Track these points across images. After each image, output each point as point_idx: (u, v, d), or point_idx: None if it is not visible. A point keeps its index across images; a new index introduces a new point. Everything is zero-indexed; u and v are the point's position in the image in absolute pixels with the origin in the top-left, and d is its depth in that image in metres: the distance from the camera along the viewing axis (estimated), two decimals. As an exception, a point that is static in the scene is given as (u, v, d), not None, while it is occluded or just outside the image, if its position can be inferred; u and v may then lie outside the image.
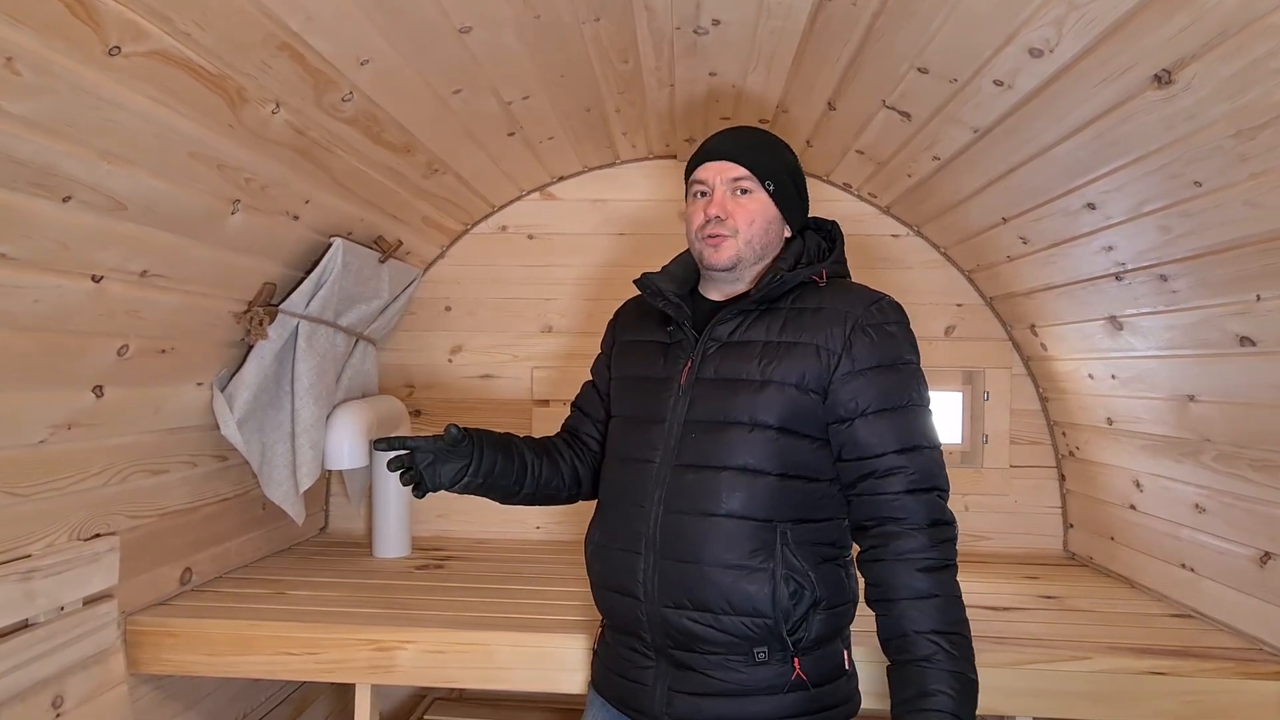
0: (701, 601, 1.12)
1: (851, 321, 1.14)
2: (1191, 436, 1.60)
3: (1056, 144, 1.39)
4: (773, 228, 1.23)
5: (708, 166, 1.23)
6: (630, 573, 1.17)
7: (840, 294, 1.20)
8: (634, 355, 1.31)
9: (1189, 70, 1.05)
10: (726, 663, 1.13)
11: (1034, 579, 1.95)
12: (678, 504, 1.15)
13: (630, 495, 1.20)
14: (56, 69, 0.93)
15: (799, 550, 1.12)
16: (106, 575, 1.42)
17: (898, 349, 1.16)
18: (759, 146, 1.25)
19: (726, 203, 1.21)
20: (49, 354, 1.22)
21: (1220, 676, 1.39)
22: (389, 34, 1.26)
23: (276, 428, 1.79)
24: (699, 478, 1.15)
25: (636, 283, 1.31)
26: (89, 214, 1.13)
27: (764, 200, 1.22)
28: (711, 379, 1.18)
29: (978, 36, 1.23)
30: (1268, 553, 1.44)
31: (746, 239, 1.20)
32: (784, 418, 1.13)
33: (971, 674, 1.07)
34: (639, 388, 1.27)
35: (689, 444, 1.16)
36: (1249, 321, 1.33)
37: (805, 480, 1.15)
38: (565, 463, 1.37)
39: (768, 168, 1.22)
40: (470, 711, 2.17)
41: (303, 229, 1.63)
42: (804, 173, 1.31)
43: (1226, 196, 1.20)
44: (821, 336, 1.15)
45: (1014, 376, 2.21)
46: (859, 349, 1.13)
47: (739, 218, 1.20)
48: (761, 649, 1.12)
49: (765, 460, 1.13)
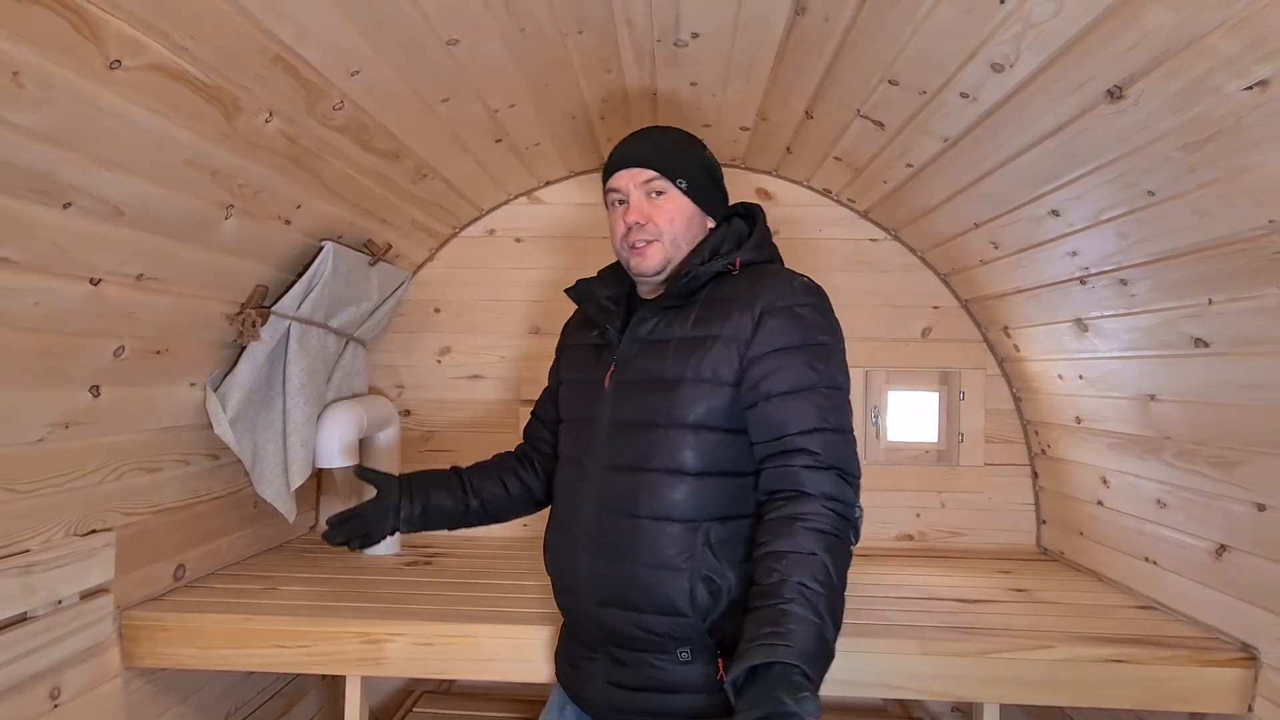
0: (629, 601, 1.14)
1: (760, 306, 1.13)
2: (1153, 434, 1.67)
3: (1021, 153, 1.45)
4: (694, 223, 1.25)
5: (620, 175, 1.25)
6: (571, 571, 1.21)
7: (754, 280, 1.17)
8: (574, 359, 1.36)
9: (1138, 86, 1.11)
10: (655, 660, 1.14)
11: (1006, 573, 2.02)
12: (607, 505, 1.18)
13: (569, 496, 1.25)
14: (59, 82, 0.97)
15: (720, 549, 1.12)
16: (103, 570, 1.46)
17: (807, 330, 1.13)
18: (667, 147, 1.26)
19: (644, 207, 1.23)
20: (47, 354, 1.25)
21: (1177, 664, 1.45)
22: (379, 46, 1.30)
23: (268, 427, 1.83)
24: (624, 479, 1.17)
25: (568, 291, 1.35)
26: (88, 219, 1.17)
27: (679, 199, 1.23)
28: (631, 380, 1.20)
29: (943, 51, 1.29)
30: (1223, 545, 1.50)
31: (671, 239, 1.22)
32: (700, 414, 1.13)
33: (830, 639, 0.99)
34: (575, 391, 1.32)
35: (615, 445, 1.19)
36: (1202, 324, 1.40)
37: (728, 476, 1.14)
38: (514, 480, 1.44)
39: (677, 166, 1.24)
40: (458, 705, 2.21)
41: (294, 233, 1.67)
42: (718, 163, 1.32)
43: (1177, 205, 1.27)
44: (730, 327, 1.13)
45: (989, 377, 2.28)
46: (766, 332, 1.11)
47: (659, 220, 1.22)
48: (684, 649, 1.12)
49: (685, 459, 1.13)
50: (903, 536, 2.31)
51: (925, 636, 1.53)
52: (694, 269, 1.18)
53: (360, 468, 1.45)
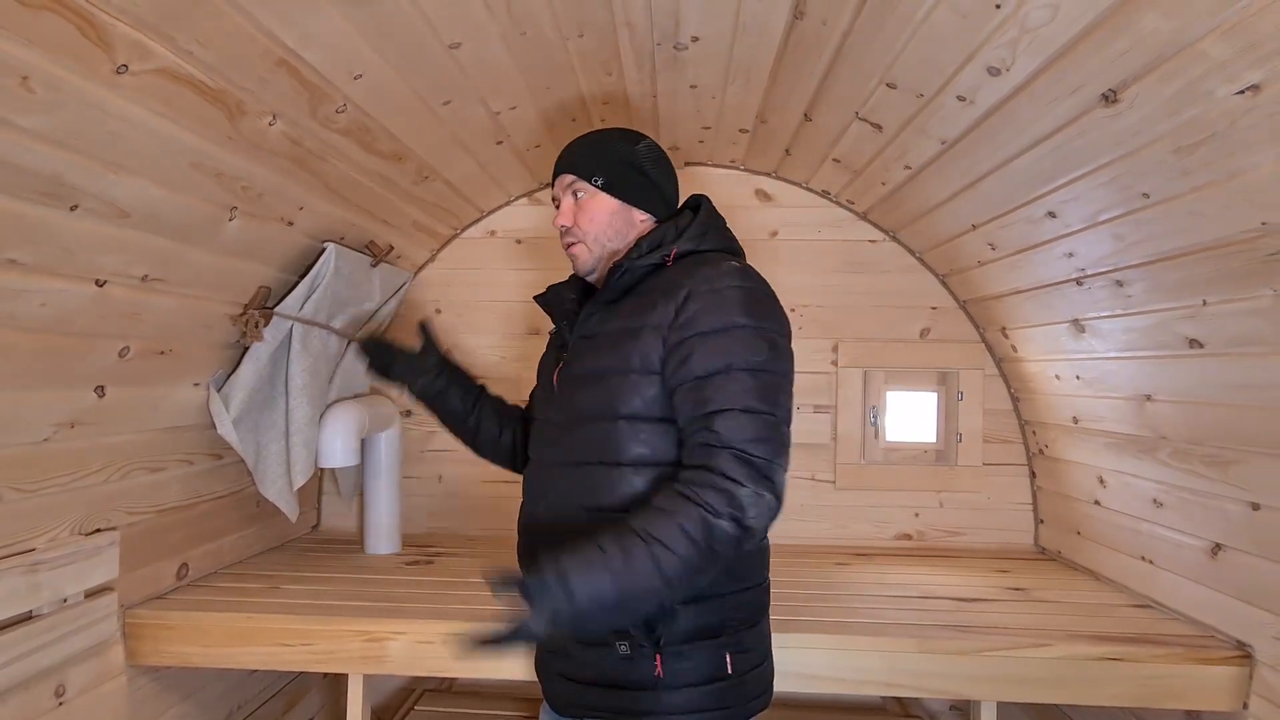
0: None
1: (685, 291, 1.11)
2: (1149, 434, 1.68)
3: (1017, 156, 1.47)
4: (617, 219, 1.25)
5: (556, 182, 1.29)
6: (527, 564, 1.22)
7: (685, 270, 1.15)
8: (542, 361, 1.38)
9: (1132, 91, 1.13)
10: (598, 655, 1.14)
11: (1004, 572, 2.03)
12: (550, 499, 1.20)
13: (526, 489, 1.28)
14: (67, 86, 0.99)
15: None
16: (107, 569, 1.47)
17: (726, 313, 1.08)
18: (583, 148, 1.28)
19: (571, 210, 1.26)
20: (54, 355, 1.27)
21: (1173, 662, 1.46)
22: (381, 50, 1.31)
23: (271, 427, 1.84)
24: (562, 473, 1.19)
25: (537, 297, 1.37)
26: (94, 221, 1.18)
27: (599, 197, 1.25)
28: (572, 375, 1.21)
29: (940, 55, 1.30)
30: (1218, 544, 1.51)
31: (594, 238, 1.25)
32: (636, 406, 1.12)
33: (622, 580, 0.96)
34: (538, 391, 1.36)
35: (564, 441, 1.20)
36: (1197, 325, 1.41)
37: (659, 466, 1.12)
38: (508, 433, 1.48)
39: (591, 165, 1.25)
40: (459, 703, 2.22)
41: (297, 234, 1.68)
42: (654, 155, 1.29)
43: (1172, 207, 1.28)
44: (657, 315, 1.12)
45: (987, 377, 2.29)
46: (687, 316, 1.09)
47: (580, 221, 1.25)
48: (623, 643, 1.11)
49: (615, 452, 1.13)
50: (901, 536, 2.32)
51: (923, 635, 1.54)
52: (628, 263, 1.19)
53: (423, 323, 1.52)
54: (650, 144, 1.31)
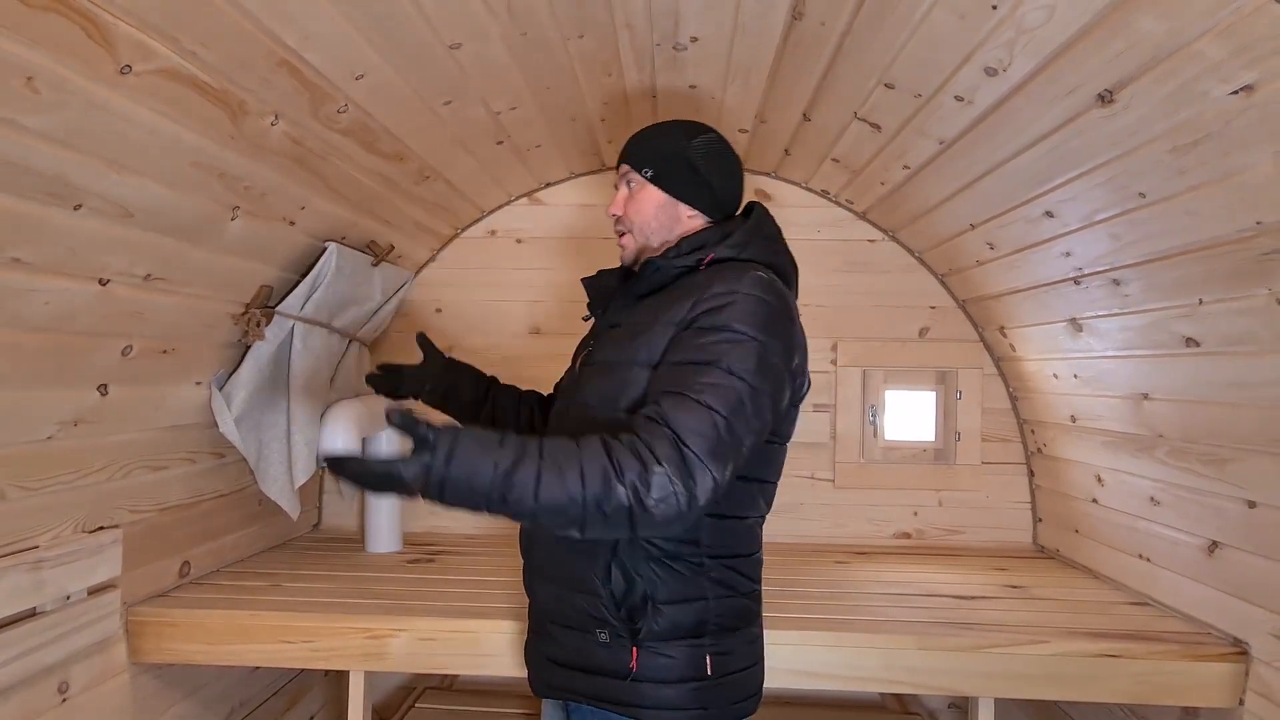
0: (555, 576, 1.19)
1: (705, 293, 1.09)
2: (1146, 433, 1.69)
3: (1015, 156, 1.47)
4: (664, 212, 1.24)
5: (617, 170, 1.31)
6: (527, 550, 1.27)
7: (715, 274, 1.13)
8: (582, 339, 1.37)
9: (1128, 91, 1.14)
10: (581, 640, 1.15)
11: (1003, 570, 2.04)
12: None
13: None
14: (71, 86, 0.99)
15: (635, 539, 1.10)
16: (110, 566, 1.48)
17: (730, 317, 1.06)
18: (641, 139, 1.28)
19: (623, 201, 1.28)
20: (57, 354, 1.27)
21: (1169, 659, 1.47)
22: (383, 50, 1.32)
23: (272, 425, 1.85)
24: None
25: (584, 279, 1.37)
26: (98, 221, 1.19)
27: (647, 188, 1.24)
28: (591, 362, 1.22)
29: (938, 56, 1.31)
30: (1215, 542, 1.52)
31: (640, 229, 1.26)
32: (630, 399, 1.09)
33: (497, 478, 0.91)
34: (567, 370, 1.37)
35: (565, 427, 1.17)
36: (1193, 324, 1.42)
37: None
38: (526, 412, 1.50)
39: (643, 157, 1.25)
40: (460, 700, 2.23)
41: (299, 234, 1.69)
42: (709, 152, 1.25)
43: (1168, 207, 1.29)
44: (673, 312, 1.10)
45: (985, 376, 2.30)
46: (696, 314, 1.08)
47: (630, 212, 1.26)
48: (604, 631, 1.12)
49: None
50: (900, 534, 2.33)
51: (922, 632, 1.55)
52: (661, 261, 1.19)
53: (420, 335, 1.56)
54: (709, 139, 1.26)
